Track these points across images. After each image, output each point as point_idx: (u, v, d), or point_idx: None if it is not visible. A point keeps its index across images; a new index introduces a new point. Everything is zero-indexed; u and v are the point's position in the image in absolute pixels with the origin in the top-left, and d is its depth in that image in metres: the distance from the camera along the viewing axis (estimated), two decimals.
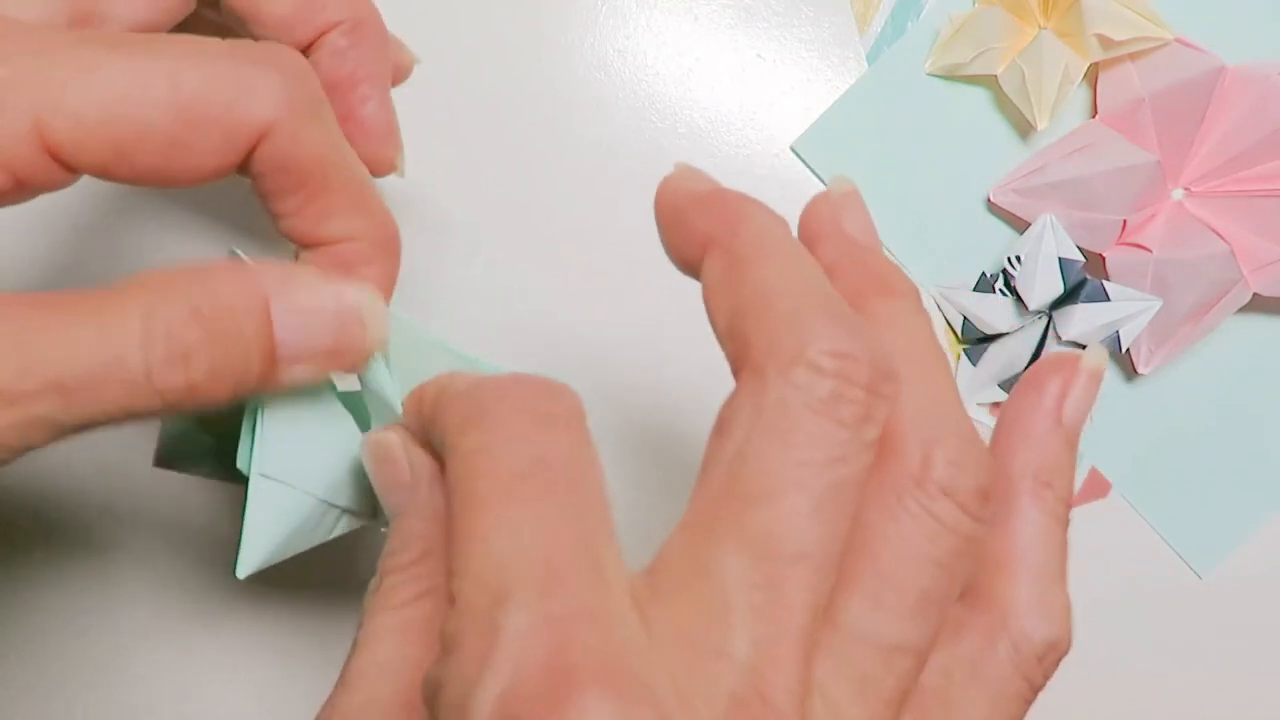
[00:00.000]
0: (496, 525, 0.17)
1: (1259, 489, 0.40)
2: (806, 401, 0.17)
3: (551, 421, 0.18)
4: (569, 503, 0.17)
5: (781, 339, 0.18)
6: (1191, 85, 0.35)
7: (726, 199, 0.21)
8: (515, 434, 0.18)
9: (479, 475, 0.17)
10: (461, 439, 0.18)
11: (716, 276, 0.20)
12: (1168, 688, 0.40)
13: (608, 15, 0.37)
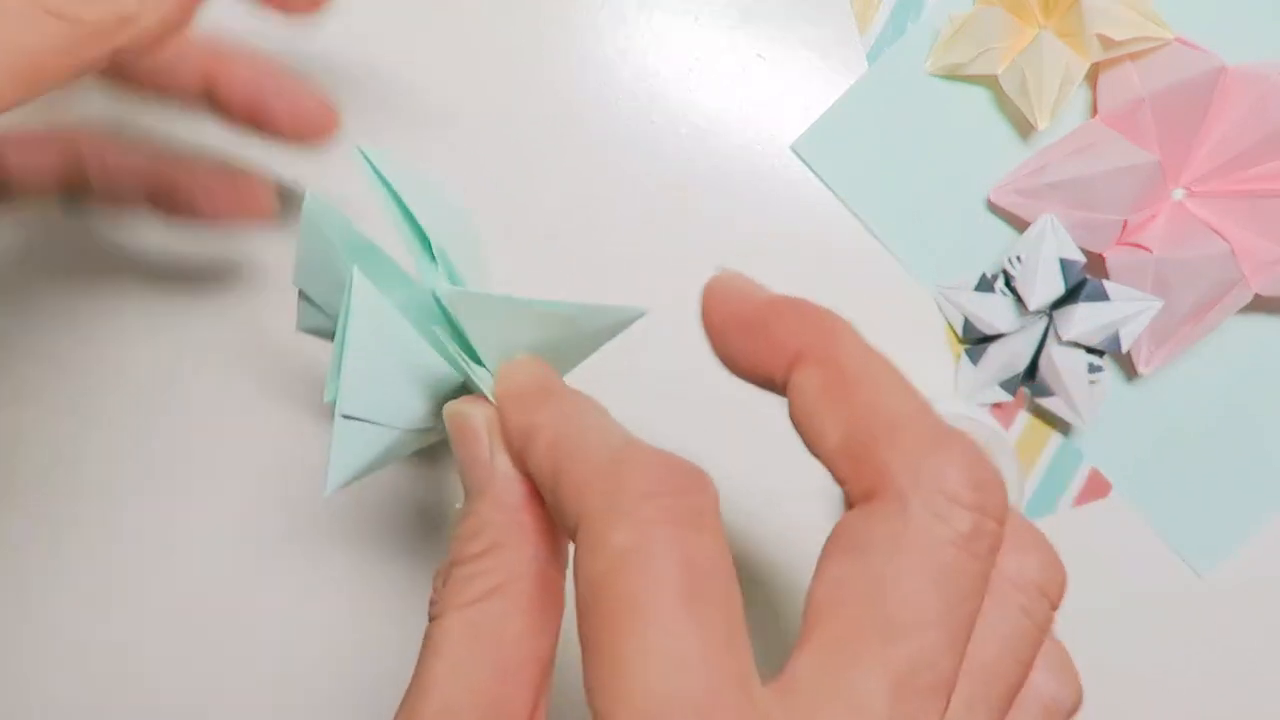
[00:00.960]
0: (654, 650, 0.16)
1: (1259, 489, 0.40)
2: (950, 537, 0.18)
3: (700, 520, 0.18)
4: (722, 621, 0.17)
5: (923, 469, 0.18)
6: (1192, 85, 0.35)
7: (814, 310, 0.21)
8: (667, 538, 0.18)
9: (630, 581, 0.17)
10: (606, 533, 0.18)
11: (816, 392, 0.20)
12: (1168, 688, 0.40)
13: (608, 16, 0.37)
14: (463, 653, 0.20)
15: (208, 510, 0.36)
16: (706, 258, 0.37)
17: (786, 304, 0.22)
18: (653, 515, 0.18)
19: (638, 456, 0.19)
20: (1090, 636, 0.40)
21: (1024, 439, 0.39)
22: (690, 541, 0.18)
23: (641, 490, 0.18)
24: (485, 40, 0.37)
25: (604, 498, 0.18)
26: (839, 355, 0.20)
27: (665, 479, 0.18)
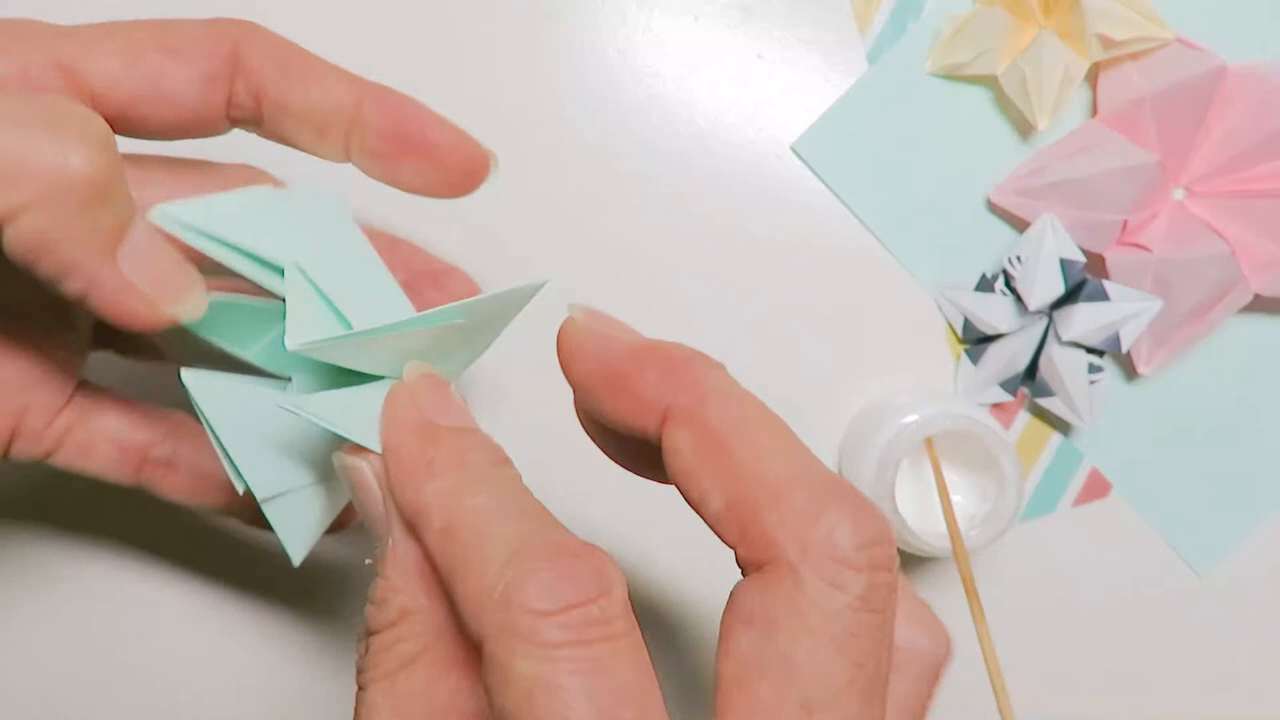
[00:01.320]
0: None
1: (1259, 489, 0.40)
2: (848, 602, 0.18)
3: (607, 630, 0.17)
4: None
5: (810, 537, 0.18)
6: (1192, 85, 0.35)
7: (678, 359, 0.20)
8: (574, 666, 0.17)
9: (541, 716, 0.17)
10: (510, 661, 0.17)
11: (690, 454, 0.20)
12: (1168, 687, 0.40)
13: (608, 16, 0.37)
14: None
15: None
16: (707, 258, 0.37)
17: (648, 354, 0.21)
18: (555, 637, 0.17)
19: (530, 565, 0.18)
20: (1090, 636, 0.40)
21: (1024, 439, 0.39)
22: (600, 663, 0.17)
23: (539, 608, 0.17)
24: (484, 40, 0.37)
25: (503, 615, 0.17)
26: (708, 413, 0.20)
27: (562, 589, 0.17)
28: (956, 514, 0.34)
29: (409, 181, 0.26)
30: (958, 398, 0.38)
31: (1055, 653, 0.40)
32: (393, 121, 0.25)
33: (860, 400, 0.38)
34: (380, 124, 0.25)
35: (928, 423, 0.34)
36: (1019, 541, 0.39)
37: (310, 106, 0.24)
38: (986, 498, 0.35)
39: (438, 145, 0.25)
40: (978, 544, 0.34)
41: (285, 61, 0.24)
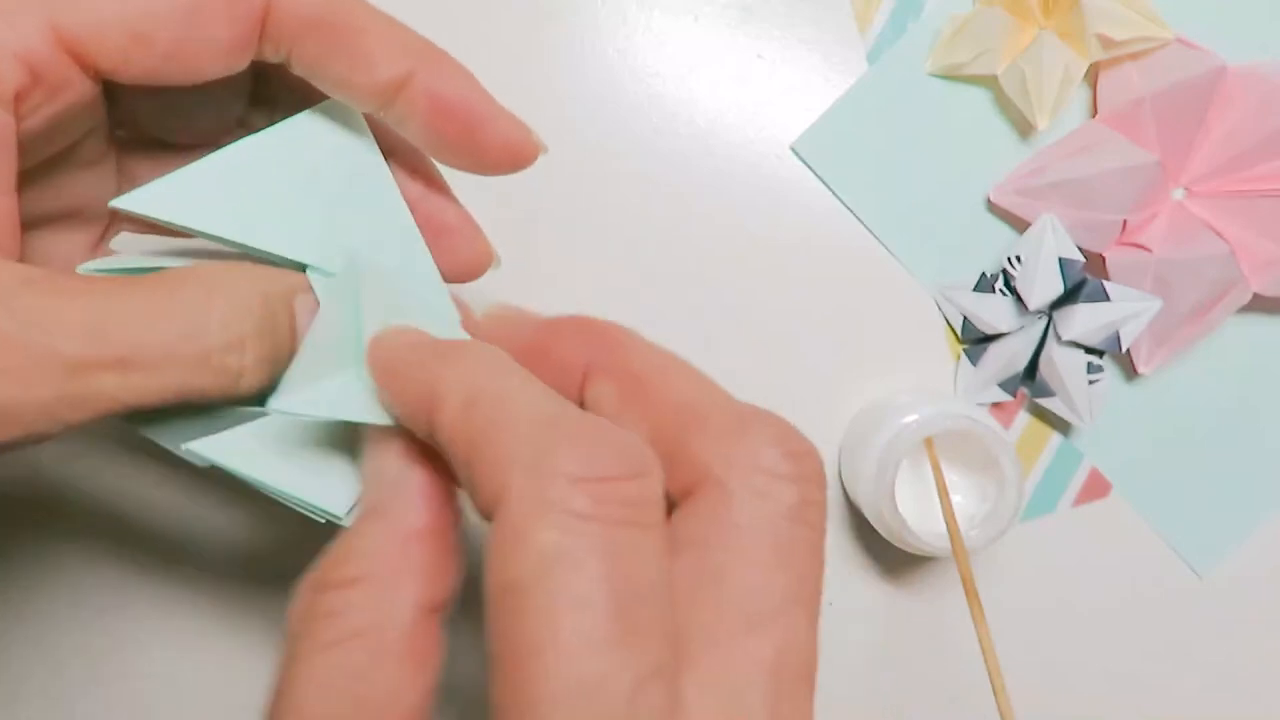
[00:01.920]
0: (570, 692, 0.15)
1: (1259, 489, 0.40)
2: (779, 511, 0.17)
3: (640, 515, 0.16)
4: (652, 653, 0.15)
5: (735, 451, 0.18)
6: (1192, 85, 0.35)
7: (594, 323, 0.20)
8: (599, 544, 0.15)
9: (550, 599, 0.15)
10: (530, 528, 0.15)
11: (614, 402, 0.19)
12: (1168, 687, 0.40)
13: (608, 16, 0.37)
14: (318, 705, 0.17)
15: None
16: (707, 258, 0.37)
17: (566, 323, 0.21)
18: (585, 508, 0.15)
19: (572, 427, 0.16)
20: (1090, 636, 0.40)
21: (1024, 439, 0.39)
22: (626, 550, 0.16)
23: (574, 472, 0.16)
24: (484, 40, 0.37)
25: (530, 478, 0.16)
26: (628, 361, 0.19)
27: (603, 459, 0.16)
28: (956, 514, 0.34)
29: (447, 159, 0.24)
30: (957, 398, 0.38)
31: (1055, 653, 0.40)
32: (442, 110, 0.22)
33: (860, 400, 0.38)
34: (427, 109, 0.22)
35: (928, 423, 0.34)
36: (1019, 541, 0.39)
37: (352, 84, 0.22)
38: (986, 498, 0.35)
39: (488, 143, 0.23)
40: (978, 544, 0.34)
41: (325, 29, 0.21)
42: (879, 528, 0.35)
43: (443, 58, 0.22)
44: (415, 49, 0.22)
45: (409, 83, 0.22)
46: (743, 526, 0.17)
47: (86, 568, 0.36)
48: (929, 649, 0.39)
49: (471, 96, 0.23)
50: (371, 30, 0.21)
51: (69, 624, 0.36)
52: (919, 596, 0.39)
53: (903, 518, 0.34)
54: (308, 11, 0.21)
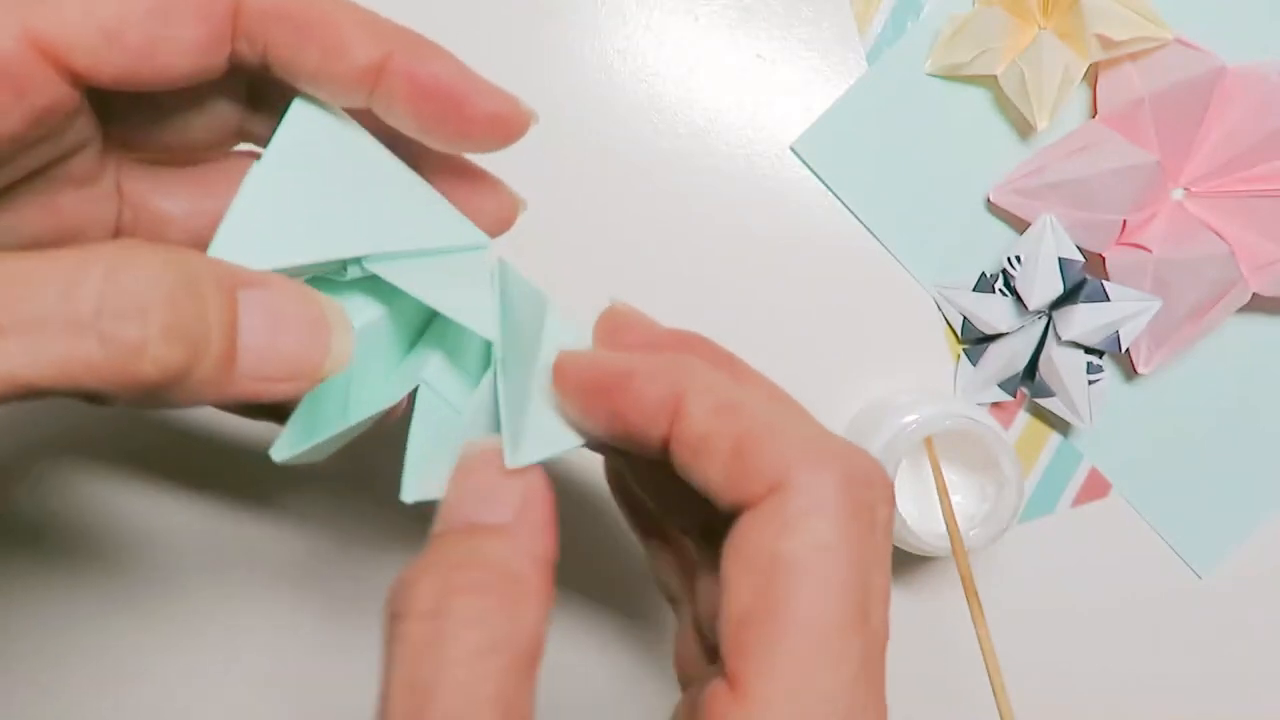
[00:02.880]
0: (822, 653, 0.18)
1: (1259, 489, 0.40)
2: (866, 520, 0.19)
3: (878, 531, 0.19)
4: (877, 638, 0.19)
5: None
6: (1191, 85, 0.35)
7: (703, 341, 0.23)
8: (854, 547, 0.19)
9: (822, 578, 0.18)
10: (812, 518, 0.18)
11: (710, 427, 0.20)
12: (1167, 687, 0.40)
13: (608, 16, 0.37)
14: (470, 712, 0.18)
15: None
16: (707, 258, 0.37)
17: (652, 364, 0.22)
18: (850, 513, 0.18)
19: (830, 441, 0.20)
20: (1090, 636, 0.40)
21: (1024, 439, 0.39)
22: (869, 556, 0.19)
23: (841, 481, 0.19)
24: (484, 40, 0.37)
25: (813, 475, 0.18)
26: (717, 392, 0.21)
27: (859, 475, 0.19)
28: (956, 514, 0.34)
29: (437, 141, 0.23)
30: (957, 398, 0.38)
31: (1055, 653, 0.40)
32: (422, 90, 0.22)
33: (860, 400, 0.38)
34: (408, 91, 0.22)
35: (927, 423, 0.34)
36: (1019, 541, 0.39)
37: (329, 74, 0.21)
38: (986, 498, 0.35)
39: (474, 117, 0.23)
40: (978, 544, 0.34)
41: (296, 22, 0.21)
42: None
43: (418, 39, 0.22)
44: (389, 33, 0.22)
45: (386, 66, 0.21)
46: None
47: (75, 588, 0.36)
48: (929, 649, 0.39)
49: (452, 73, 0.22)
50: (343, 18, 0.21)
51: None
52: (919, 596, 0.39)
53: (903, 518, 0.34)
54: (274, 5, 0.21)
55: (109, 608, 0.36)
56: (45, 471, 0.36)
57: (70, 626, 0.36)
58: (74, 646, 0.36)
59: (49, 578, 0.36)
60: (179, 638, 0.36)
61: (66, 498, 0.36)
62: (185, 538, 0.36)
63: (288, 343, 0.19)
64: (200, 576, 0.36)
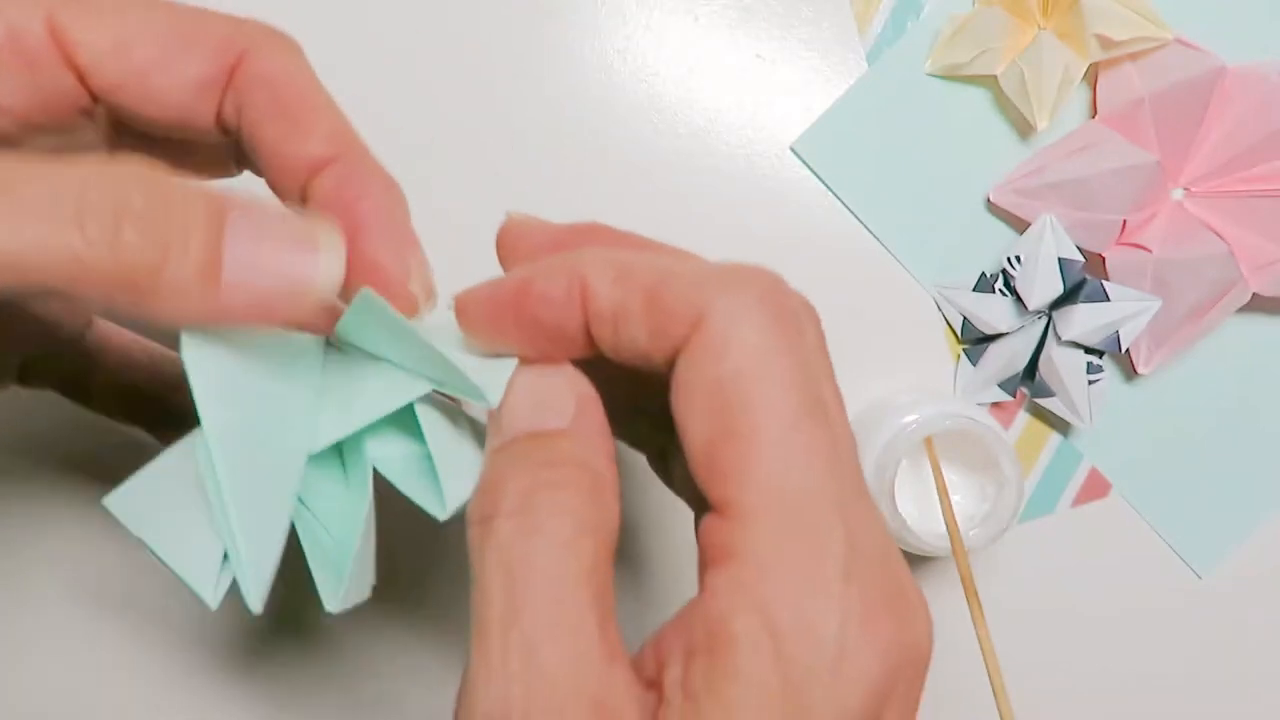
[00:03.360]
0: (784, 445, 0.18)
1: (1259, 489, 0.40)
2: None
3: (805, 326, 0.20)
4: (837, 420, 0.19)
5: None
6: (1191, 85, 0.35)
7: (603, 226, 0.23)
8: (785, 343, 0.19)
9: (769, 378, 0.18)
10: (739, 331, 0.19)
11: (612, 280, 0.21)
12: (1167, 687, 0.40)
13: (608, 16, 0.37)
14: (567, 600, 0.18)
15: None
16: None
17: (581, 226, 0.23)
18: (773, 317, 0.19)
19: (731, 267, 0.20)
20: (1090, 635, 0.40)
21: (1024, 439, 0.39)
22: (802, 347, 0.19)
23: (758, 294, 0.19)
24: (484, 40, 0.37)
25: (729, 299, 0.19)
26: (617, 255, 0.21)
27: (776, 285, 0.19)
28: (956, 514, 0.34)
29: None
30: (957, 398, 0.38)
31: (1055, 652, 0.40)
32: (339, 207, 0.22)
33: (860, 400, 0.38)
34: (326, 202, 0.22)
35: (927, 423, 0.34)
36: (1019, 541, 0.39)
37: (279, 153, 0.22)
38: (986, 498, 0.35)
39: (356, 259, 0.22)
40: (978, 544, 0.34)
41: (280, 91, 0.22)
42: None
43: (369, 166, 0.23)
44: (347, 145, 0.22)
45: (323, 171, 0.22)
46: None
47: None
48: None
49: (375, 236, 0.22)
50: (322, 109, 0.22)
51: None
52: None
53: (903, 518, 0.34)
54: (271, 69, 0.22)
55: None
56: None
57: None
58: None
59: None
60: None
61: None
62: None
63: (276, 253, 0.19)
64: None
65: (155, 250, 0.18)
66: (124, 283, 0.17)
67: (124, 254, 0.17)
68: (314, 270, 0.19)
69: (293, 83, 0.22)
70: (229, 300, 0.18)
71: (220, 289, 0.18)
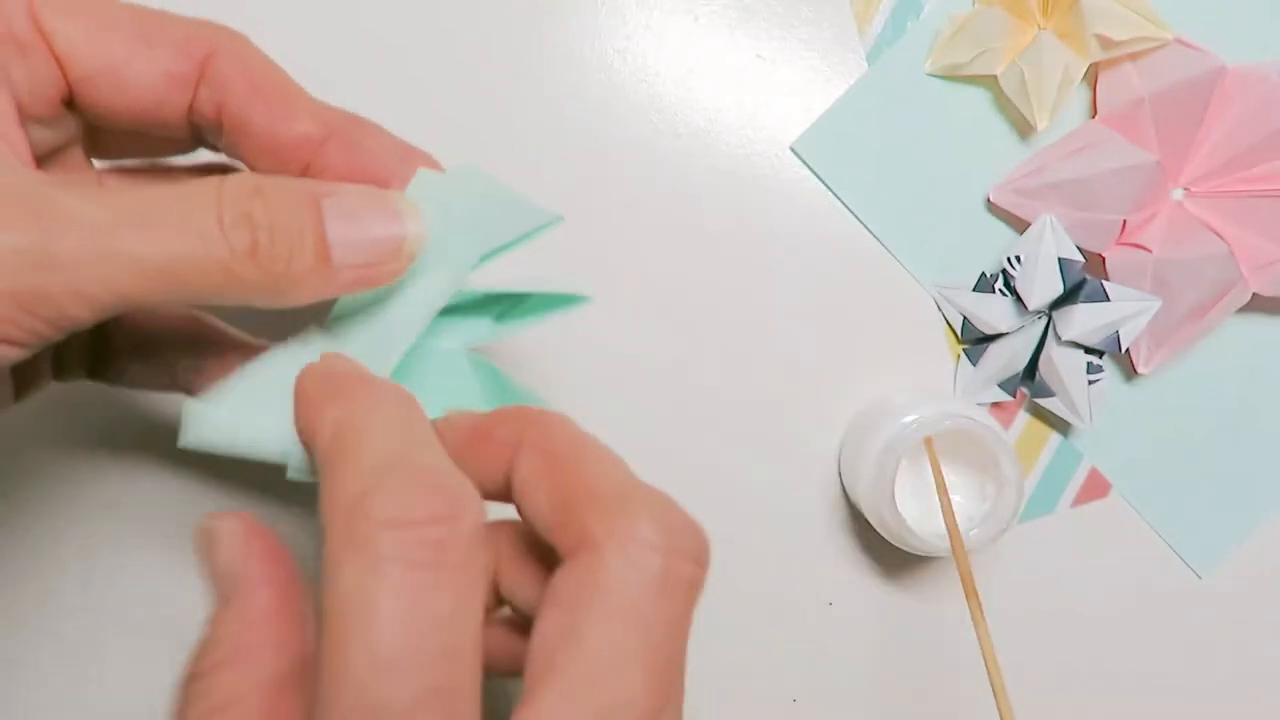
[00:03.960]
0: (361, 703, 0.17)
1: (1259, 489, 0.40)
2: (643, 580, 0.19)
3: (441, 558, 0.18)
4: (435, 672, 0.18)
5: (617, 522, 0.19)
6: (1191, 85, 0.35)
7: (529, 410, 0.23)
8: (394, 585, 0.18)
9: (347, 628, 0.17)
10: (341, 560, 0.18)
11: (531, 472, 0.22)
12: (1167, 687, 0.40)
13: (608, 16, 0.37)
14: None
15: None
16: (706, 258, 0.37)
17: (508, 411, 0.23)
18: (387, 550, 0.18)
19: (390, 477, 0.19)
20: (1090, 636, 0.40)
21: (1024, 439, 0.39)
22: (422, 590, 0.18)
23: (380, 518, 0.18)
24: (484, 39, 0.37)
25: (345, 523, 0.18)
26: (550, 440, 0.22)
27: (409, 505, 0.18)
28: (956, 514, 0.34)
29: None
30: (957, 398, 0.38)
31: (1055, 652, 0.40)
32: (354, 177, 0.24)
33: (860, 400, 0.38)
34: (341, 174, 0.24)
35: (927, 423, 0.34)
36: (1019, 541, 0.39)
37: (273, 135, 0.24)
38: (986, 498, 0.35)
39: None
40: (978, 544, 0.34)
41: (257, 80, 0.24)
42: (879, 528, 0.35)
43: (360, 124, 0.25)
44: (333, 115, 0.25)
45: (325, 146, 0.24)
46: (609, 589, 0.19)
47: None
48: (929, 649, 0.39)
49: (386, 171, 0.25)
50: (298, 92, 0.24)
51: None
52: (919, 596, 0.39)
53: (903, 518, 0.34)
54: (244, 64, 0.24)
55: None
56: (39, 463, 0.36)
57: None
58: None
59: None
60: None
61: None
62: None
63: (370, 231, 0.22)
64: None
65: (283, 251, 0.21)
66: (265, 285, 0.21)
67: (262, 261, 0.21)
68: (402, 233, 0.23)
69: (267, 73, 0.24)
70: (341, 277, 0.22)
71: (332, 268, 0.22)
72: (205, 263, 0.20)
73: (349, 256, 0.22)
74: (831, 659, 0.39)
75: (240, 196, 0.21)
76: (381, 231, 0.22)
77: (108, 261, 0.19)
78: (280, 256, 0.21)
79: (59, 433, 0.36)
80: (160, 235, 0.20)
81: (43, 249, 0.19)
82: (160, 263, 0.20)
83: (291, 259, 0.21)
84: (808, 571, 0.38)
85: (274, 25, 0.36)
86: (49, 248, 0.19)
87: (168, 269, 0.20)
